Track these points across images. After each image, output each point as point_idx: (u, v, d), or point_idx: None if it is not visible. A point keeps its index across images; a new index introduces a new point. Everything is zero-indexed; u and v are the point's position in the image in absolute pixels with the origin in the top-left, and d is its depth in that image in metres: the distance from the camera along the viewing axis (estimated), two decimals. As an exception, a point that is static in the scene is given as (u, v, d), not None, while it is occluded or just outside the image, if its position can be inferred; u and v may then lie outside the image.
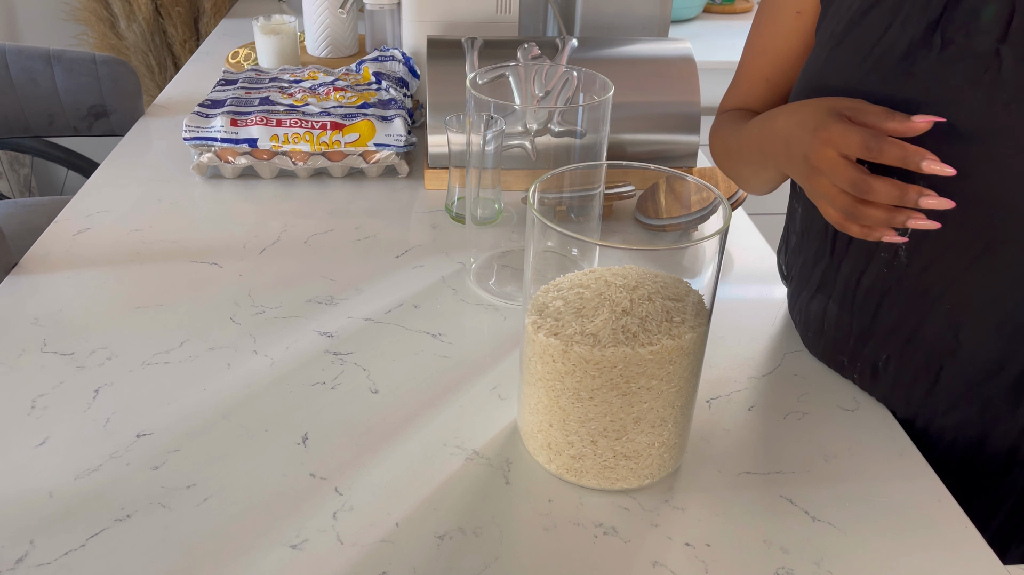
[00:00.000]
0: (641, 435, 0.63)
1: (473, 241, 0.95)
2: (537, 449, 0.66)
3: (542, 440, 0.65)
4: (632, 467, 0.64)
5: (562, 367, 0.61)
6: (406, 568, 0.58)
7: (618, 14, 1.30)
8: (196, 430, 0.69)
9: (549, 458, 0.65)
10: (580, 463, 0.64)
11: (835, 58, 0.70)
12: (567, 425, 0.63)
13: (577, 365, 0.60)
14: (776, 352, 0.81)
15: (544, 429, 0.65)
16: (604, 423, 0.62)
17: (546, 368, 0.62)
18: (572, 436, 0.63)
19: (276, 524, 0.61)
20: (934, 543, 0.62)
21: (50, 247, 0.95)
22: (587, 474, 0.64)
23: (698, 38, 1.94)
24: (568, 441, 0.63)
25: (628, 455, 0.63)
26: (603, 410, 0.61)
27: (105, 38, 2.10)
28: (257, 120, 1.10)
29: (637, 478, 0.65)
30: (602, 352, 0.59)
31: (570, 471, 0.65)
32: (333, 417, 0.71)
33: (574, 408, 0.62)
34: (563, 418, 0.63)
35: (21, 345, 0.79)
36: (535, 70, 1.05)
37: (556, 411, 0.63)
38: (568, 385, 0.61)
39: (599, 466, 0.64)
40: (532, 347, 0.63)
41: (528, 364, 0.64)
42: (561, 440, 0.64)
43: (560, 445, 0.64)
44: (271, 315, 0.84)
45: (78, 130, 1.54)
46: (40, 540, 0.59)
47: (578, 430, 0.63)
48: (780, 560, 0.60)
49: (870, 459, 0.69)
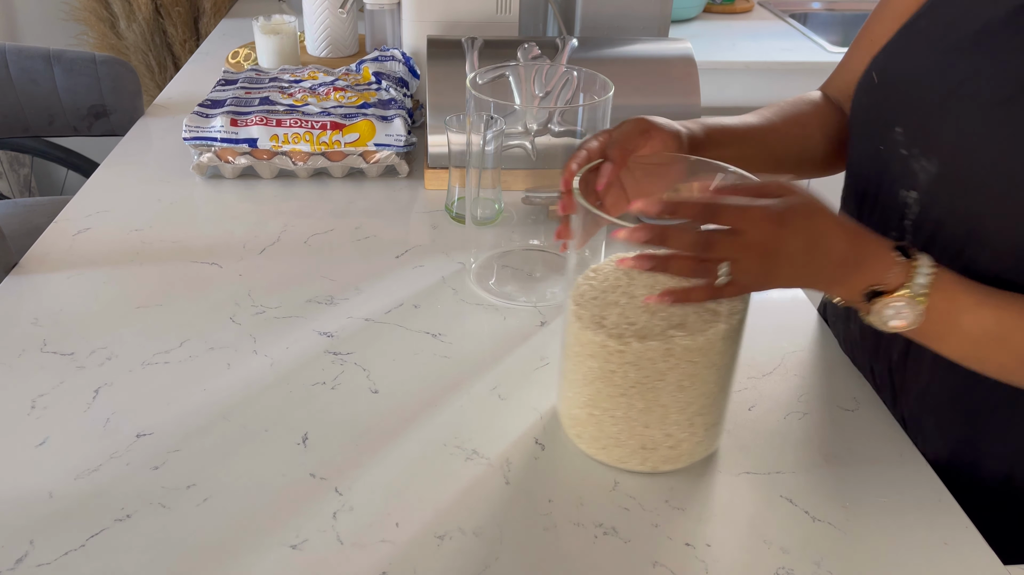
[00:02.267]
0: (724, 399, 0.66)
1: (473, 241, 0.95)
2: (626, 456, 0.66)
3: (634, 444, 0.65)
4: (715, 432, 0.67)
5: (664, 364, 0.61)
6: (406, 568, 0.58)
7: (618, 14, 1.30)
8: (196, 430, 0.69)
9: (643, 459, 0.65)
10: (677, 450, 0.65)
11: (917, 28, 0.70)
12: (667, 419, 0.63)
13: (626, 354, 0.61)
14: (776, 352, 0.81)
15: (639, 432, 0.64)
16: (702, 402, 0.63)
17: (595, 360, 0.63)
18: (672, 427, 0.64)
19: (276, 524, 0.61)
20: (934, 543, 0.62)
21: (50, 247, 0.95)
22: (683, 457, 0.66)
23: (698, 38, 1.94)
24: (667, 433, 0.64)
25: (716, 423, 0.66)
26: (703, 390, 0.62)
27: (105, 38, 2.10)
28: (257, 120, 1.10)
29: (716, 440, 0.68)
30: (648, 344, 0.60)
31: (667, 461, 0.66)
32: (333, 417, 0.71)
33: (675, 400, 0.62)
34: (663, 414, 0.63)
35: (21, 345, 0.79)
36: (535, 70, 1.05)
37: (656, 410, 0.63)
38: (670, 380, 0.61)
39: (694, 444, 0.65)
40: (577, 335, 0.64)
41: (574, 354, 0.65)
42: (659, 435, 0.64)
43: (657, 441, 0.64)
44: (271, 315, 0.84)
45: (78, 130, 1.54)
46: (40, 540, 0.59)
47: (678, 419, 0.63)
48: (780, 560, 0.60)
49: (870, 459, 0.69)
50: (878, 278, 0.57)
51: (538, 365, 0.78)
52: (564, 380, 0.68)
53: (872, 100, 0.73)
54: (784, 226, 0.55)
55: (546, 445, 0.69)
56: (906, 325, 0.57)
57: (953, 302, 0.58)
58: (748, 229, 0.55)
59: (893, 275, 0.57)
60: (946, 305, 0.58)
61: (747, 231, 0.55)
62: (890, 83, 0.71)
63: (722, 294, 0.57)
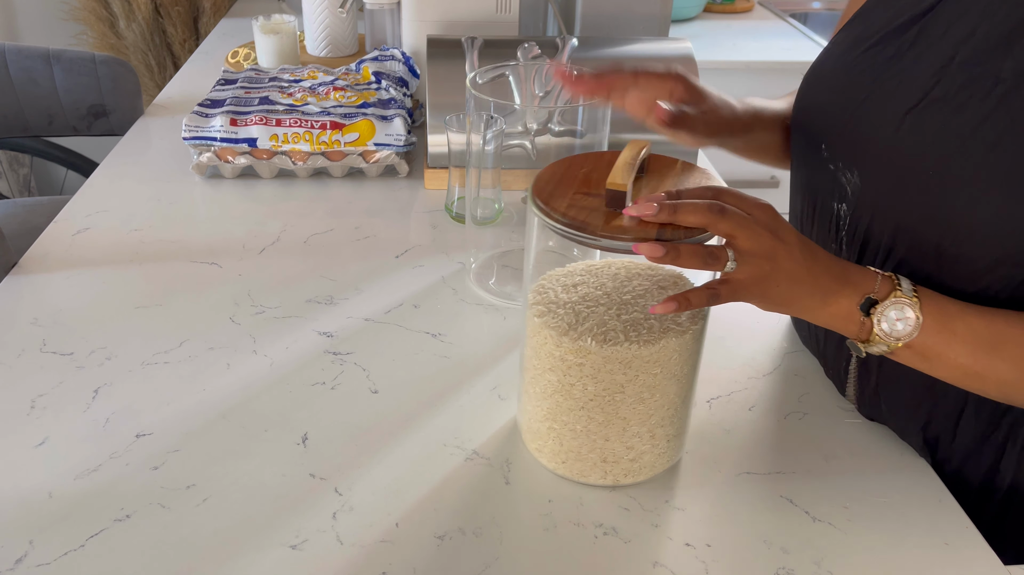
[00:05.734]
0: (686, 410, 0.65)
1: (473, 241, 0.95)
2: (587, 469, 0.65)
3: (595, 458, 0.64)
4: (678, 444, 0.66)
5: (623, 377, 0.60)
6: (406, 568, 0.58)
7: (618, 14, 1.30)
8: (196, 430, 0.69)
9: (604, 472, 0.64)
10: (638, 463, 0.64)
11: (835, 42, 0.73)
12: (627, 431, 0.62)
13: (585, 367, 0.60)
14: (776, 352, 0.81)
15: (599, 446, 0.63)
16: (662, 413, 0.62)
17: (554, 373, 0.62)
18: (632, 440, 0.63)
19: (276, 524, 0.61)
20: (934, 543, 0.62)
21: (49, 247, 0.95)
22: (644, 470, 0.65)
23: (698, 38, 1.94)
24: (628, 446, 0.63)
25: (677, 434, 0.65)
26: (663, 401, 0.62)
27: (105, 38, 2.10)
28: (257, 120, 1.10)
29: (678, 451, 0.67)
30: (610, 350, 0.59)
31: (628, 474, 0.65)
32: (333, 417, 0.71)
33: (635, 412, 0.62)
34: (623, 427, 0.62)
35: (20, 345, 0.79)
36: (535, 70, 1.05)
37: (616, 422, 0.62)
38: (630, 392, 0.61)
39: (655, 456, 0.65)
40: (536, 349, 0.63)
41: (532, 367, 0.64)
42: (620, 448, 0.63)
43: (618, 454, 0.64)
44: (271, 315, 0.84)
45: (77, 130, 1.54)
46: (40, 540, 0.59)
47: (639, 431, 0.63)
48: (780, 560, 0.60)
49: (870, 459, 0.69)
50: (869, 288, 0.58)
51: (538, 365, 0.78)
52: (524, 394, 0.67)
53: (801, 117, 0.75)
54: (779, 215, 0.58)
55: (546, 445, 0.69)
56: (910, 329, 0.57)
57: (942, 307, 0.58)
58: (752, 211, 0.56)
59: (880, 284, 0.58)
60: (936, 309, 0.58)
61: (753, 213, 0.56)
62: (814, 99, 0.73)
63: (720, 296, 0.57)
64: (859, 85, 0.67)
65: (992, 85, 0.57)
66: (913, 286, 0.58)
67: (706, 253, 0.55)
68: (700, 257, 0.55)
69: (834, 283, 0.58)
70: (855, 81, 0.67)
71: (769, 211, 0.57)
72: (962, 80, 0.59)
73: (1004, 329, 0.58)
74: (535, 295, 0.64)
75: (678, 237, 0.56)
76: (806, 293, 0.58)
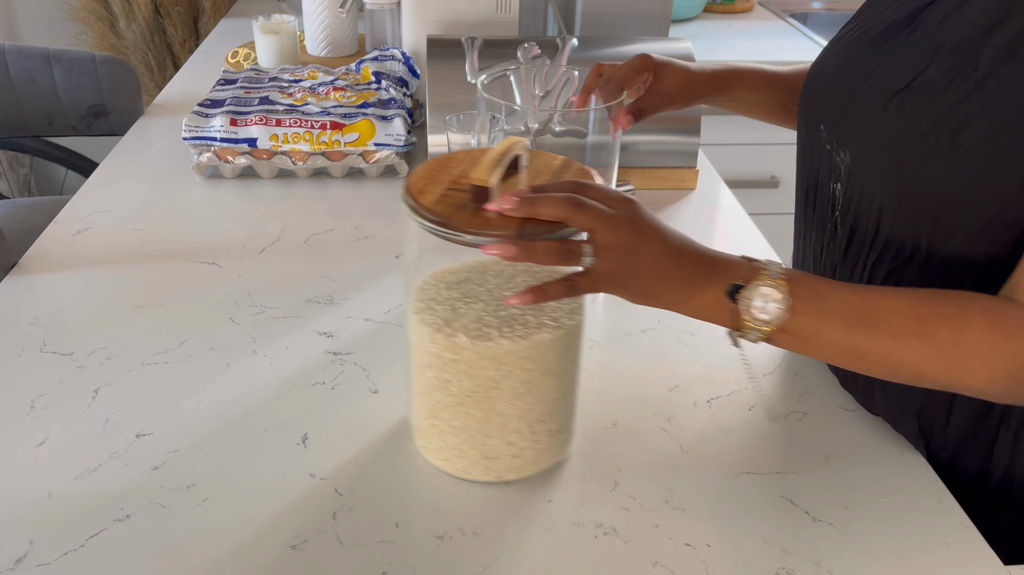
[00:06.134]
0: (568, 406, 0.65)
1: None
2: (469, 466, 0.65)
3: (476, 454, 0.64)
4: (562, 439, 0.66)
5: (496, 372, 0.60)
6: (406, 568, 0.58)
7: (618, 14, 1.30)
8: (196, 430, 0.69)
9: (487, 468, 0.64)
10: (520, 459, 0.64)
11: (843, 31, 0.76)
12: (506, 427, 0.62)
13: (459, 363, 0.60)
14: (776, 352, 0.81)
15: (479, 442, 0.63)
16: (541, 409, 0.63)
17: (431, 370, 0.62)
18: (512, 436, 0.63)
19: (276, 524, 0.61)
20: (934, 543, 0.62)
21: (49, 247, 0.95)
22: (527, 466, 0.65)
23: (698, 38, 1.94)
24: (508, 442, 0.63)
25: (560, 430, 0.65)
26: (540, 397, 0.62)
27: (105, 38, 2.10)
28: (257, 120, 1.10)
29: (564, 447, 0.67)
30: (482, 346, 0.59)
31: (511, 470, 0.65)
32: (333, 417, 0.71)
33: (513, 408, 0.62)
34: (501, 423, 0.62)
35: (21, 345, 0.79)
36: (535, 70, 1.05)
37: (494, 419, 0.62)
38: (505, 388, 0.61)
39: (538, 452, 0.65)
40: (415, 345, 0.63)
41: (414, 364, 0.64)
42: (500, 444, 0.63)
43: (499, 450, 0.63)
44: (271, 315, 0.84)
45: (77, 130, 1.54)
46: (40, 540, 0.59)
47: (518, 426, 0.63)
48: (780, 560, 0.60)
49: (870, 459, 0.69)
50: (735, 275, 0.57)
51: (538, 365, 0.78)
52: (410, 391, 0.66)
53: (804, 100, 0.77)
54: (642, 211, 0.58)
55: (546, 445, 0.69)
56: (777, 313, 0.56)
57: (812, 287, 0.57)
58: (613, 206, 0.57)
59: (747, 270, 0.57)
60: (806, 289, 0.57)
61: (613, 207, 0.56)
62: (815, 83, 0.75)
63: (578, 288, 0.56)
64: (858, 68, 0.68)
65: (972, 70, 0.59)
66: (783, 269, 0.57)
67: (562, 249, 0.55)
68: (556, 253, 0.55)
69: (700, 274, 0.57)
70: (856, 65, 0.69)
71: (630, 205, 0.57)
72: (948, 65, 0.61)
73: (880, 302, 0.57)
74: (418, 292, 0.64)
75: (541, 233, 0.55)
76: (669, 287, 0.57)
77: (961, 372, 0.56)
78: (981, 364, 0.55)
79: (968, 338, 0.55)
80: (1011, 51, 0.57)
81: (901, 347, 0.56)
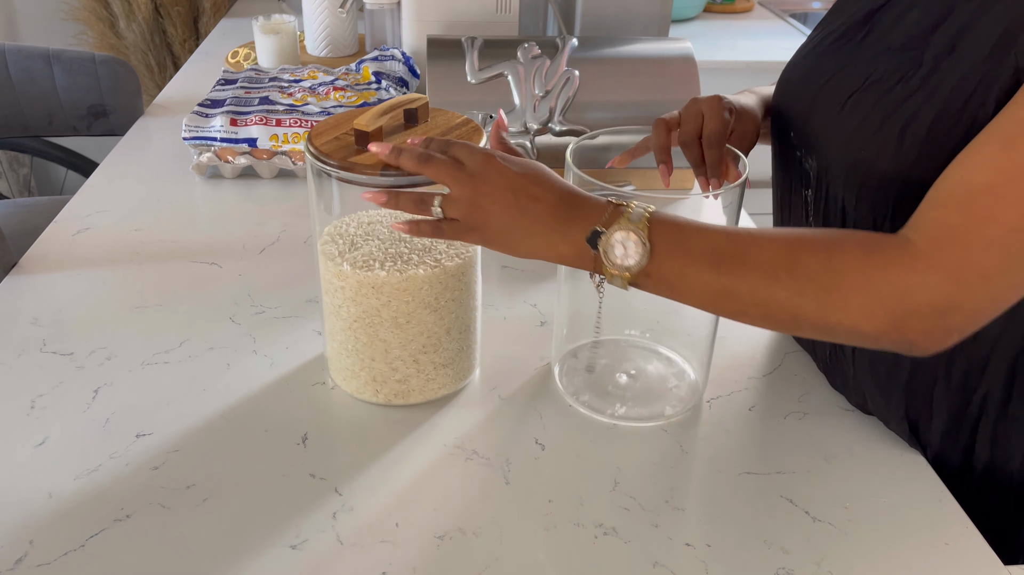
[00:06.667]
0: (452, 343, 0.72)
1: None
2: (361, 387, 0.72)
3: (366, 376, 0.71)
4: (450, 374, 0.73)
5: (376, 301, 0.68)
6: (406, 568, 0.58)
7: (618, 14, 1.30)
8: (196, 430, 0.69)
9: (376, 390, 0.72)
10: (406, 385, 0.71)
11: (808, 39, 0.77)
12: (390, 353, 0.70)
13: (346, 290, 0.68)
14: (776, 352, 0.81)
15: (367, 365, 0.71)
16: (423, 341, 0.70)
17: (328, 296, 0.70)
18: (396, 362, 0.70)
19: (276, 524, 0.61)
20: (934, 543, 0.62)
21: (49, 247, 0.95)
22: (414, 393, 0.72)
23: (698, 38, 1.94)
24: (393, 367, 0.70)
25: (445, 363, 0.72)
26: (420, 329, 0.69)
27: (105, 38, 2.10)
28: (257, 120, 1.10)
29: (455, 382, 0.74)
30: (362, 275, 0.67)
31: (398, 395, 0.72)
32: (333, 417, 0.71)
33: (394, 336, 0.69)
34: (385, 348, 0.70)
35: (21, 345, 0.79)
36: (535, 70, 1.05)
37: (378, 344, 0.69)
38: (385, 316, 0.68)
39: (423, 381, 0.72)
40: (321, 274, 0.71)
41: (338, 308, 0.70)
42: (386, 369, 0.71)
43: (385, 374, 0.71)
44: (271, 315, 0.84)
45: (77, 130, 1.54)
46: (40, 540, 0.59)
47: (401, 354, 0.70)
48: (780, 560, 0.60)
49: (870, 459, 0.69)
50: (595, 220, 0.57)
51: (538, 364, 0.78)
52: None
53: (775, 108, 0.77)
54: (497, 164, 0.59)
55: (546, 445, 0.69)
56: (639, 259, 0.55)
57: (676, 228, 0.56)
58: (466, 160, 0.59)
59: (609, 215, 0.57)
60: (668, 231, 0.56)
61: (467, 161, 0.59)
62: (784, 91, 0.76)
63: (443, 231, 0.60)
64: (820, 74, 0.69)
65: (916, 67, 0.60)
66: (647, 210, 0.56)
67: (417, 199, 0.61)
68: (412, 202, 0.61)
69: (558, 222, 0.57)
70: (818, 70, 0.70)
71: (483, 159, 0.59)
72: (895, 64, 0.62)
73: (747, 239, 0.56)
74: (332, 228, 0.72)
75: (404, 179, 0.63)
76: (524, 235, 0.58)
77: (834, 305, 0.53)
78: (854, 293, 0.53)
79: (839, 265, 0.53)
80: (951, 47, 0.59)
81: (770, 282, 0.54)
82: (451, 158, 0.60)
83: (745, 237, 0.56)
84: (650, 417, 0.71)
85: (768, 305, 0.55)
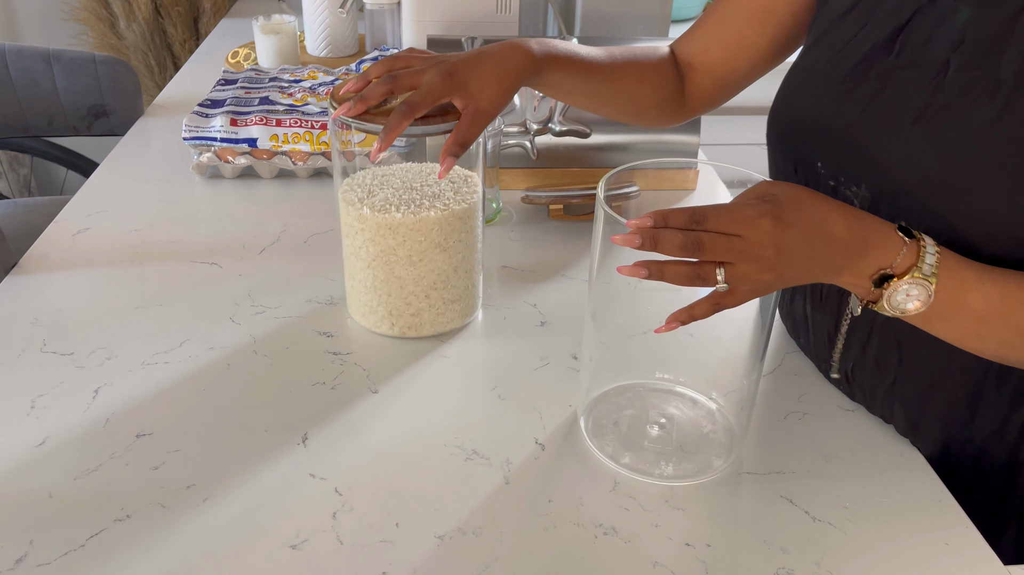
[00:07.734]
0: (460, 281, 0.80)
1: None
2: (378, 321, 0.80)
3: (383, 311, 0.79)
4: (457, 309, 0.81)
5: (392, 240, 0.75)
6: (406, 568, 0.58)
7: (618, 14, 1.30)
8: (196, 430, 0.69)
9: (391, 324, 0.80)
10: (418, 318, 0.79)
11: (806, 63, 0.72)
12: (404, 289, 0.78)
13: (365, 232, 0.76)
14: (776, 352, 0.81)
15: (384, 300, 0.78)
16: (433, 278, 0.78)
17: (348, 238, 0.78)
18: (410, 297, 0.78)
19: (276, 524, 0.61)
20: (934, 543, 0.62)
21: (50, 247, 0.95)
22: (425, 326, 0.80)
23: (698, 38, 1.93)
24: (407, 302, 0.78)
25: (453, 299, 0.80)
26: (432, 267, 0.77)
27: (105, 38, 2.10)
28: (257, 120, 1.10)
29: (461, 317, 0.82)
30: (380, 217, 0.74)
31: (411, 328, 0.80)
32: (333, 417, 0.71)
33: (408, 272, 0.77)
34: (400, 284, 0.77)
35: (21, 345, 0.79)
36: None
37: (394, 280, 0.77)
38: (401, 255, 0.76)
39: (434, 315, 0.79)
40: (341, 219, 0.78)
41: (358, 249, 0.77)
42: (401, 304, 0.78)
43: (400, 308, 0.79)
44: (271, 315, 0.84)
45: (78, 130, 1.54)
46: (40, 540, 0.59)
47: (414, 290, 0.78)
48: (780, 560, 0.60)
49: (870, 459, 0.69)
50: (886, 261, 0.56)
51: (538, 365, 0.78)
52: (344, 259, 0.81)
53: (786, 139, 0.74)
54: (780, 221, 0.54)
55: (546, 445, 0.69)
56: (919, 307, 0.56)
57: (960, 280, 0.57)
58: (743, 232, 0.53)
59: (901, 257, 0.56)
60: (954, 283, 0.57)
61: (743, 234, 0.53)
62: (798, 121, 0.72)
63: (726, 303, 0.55)
64: (854, 102, 0.66)
65: (995, 87, 0.58)
66: (937, 251, 0.56)
67: (693, 274, 0.54)
68: (686, 277, 0.54)
69: (852, 258, 0.56)
70: (848, 98, 0.67)
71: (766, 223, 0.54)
72: (962, 85, 0.59)
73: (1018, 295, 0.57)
74: (353, 178, 0.80)
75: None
76: (814, 277, 0.57)
77: None
78: None
79: None
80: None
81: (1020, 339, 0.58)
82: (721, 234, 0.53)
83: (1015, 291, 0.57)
84: (698, 472, 0.67)
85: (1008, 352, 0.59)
